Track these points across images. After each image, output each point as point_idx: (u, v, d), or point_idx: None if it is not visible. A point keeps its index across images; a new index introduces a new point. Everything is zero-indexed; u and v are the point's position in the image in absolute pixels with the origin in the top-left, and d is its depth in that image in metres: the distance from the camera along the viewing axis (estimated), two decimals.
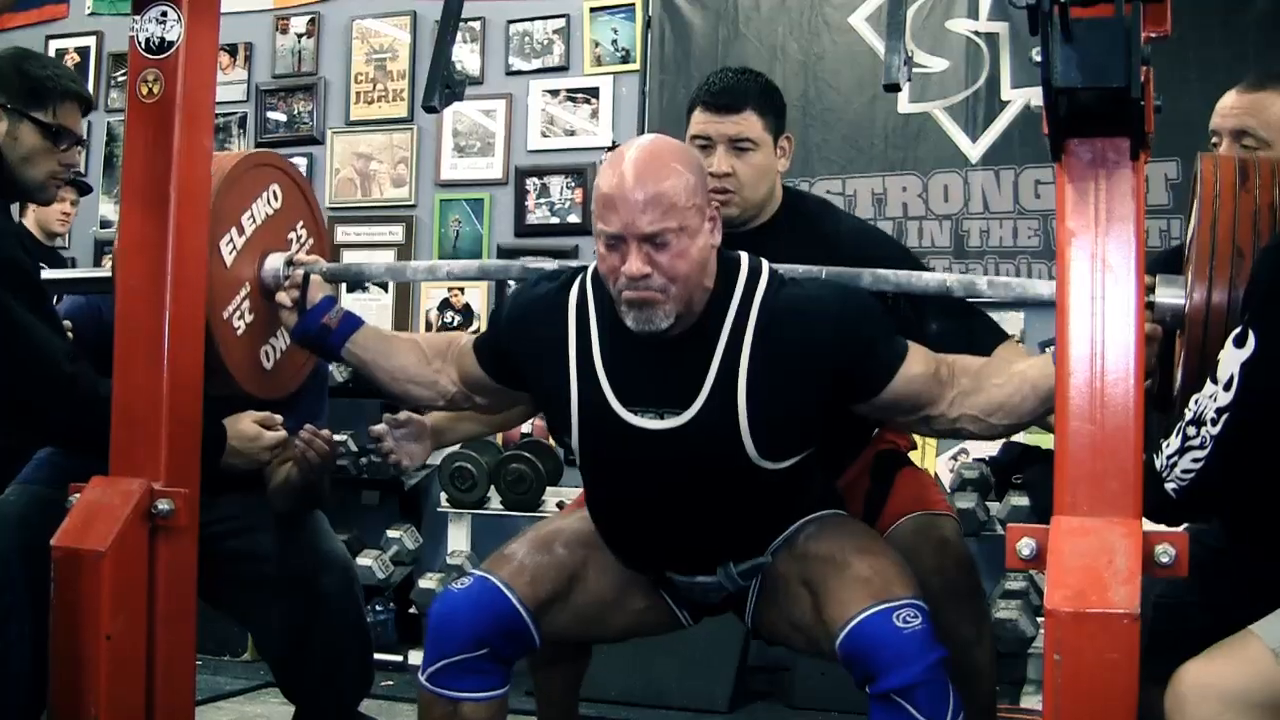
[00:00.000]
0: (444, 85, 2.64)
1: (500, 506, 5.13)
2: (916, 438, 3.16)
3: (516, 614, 2.41)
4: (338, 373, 5.32)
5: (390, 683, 4.39)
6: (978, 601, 2.78)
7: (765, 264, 2.36)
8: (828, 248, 2.71)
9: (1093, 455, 1.91)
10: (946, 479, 4.74)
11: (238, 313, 2.71)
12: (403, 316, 5.68)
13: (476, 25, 5.68)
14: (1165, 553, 1.87)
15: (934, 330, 2.64)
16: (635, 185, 2.19)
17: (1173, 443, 2.01)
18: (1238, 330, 1.93)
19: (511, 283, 4.39)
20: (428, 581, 5.05)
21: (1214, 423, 1.93)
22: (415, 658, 5.01)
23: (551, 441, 5.35)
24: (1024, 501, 4.45)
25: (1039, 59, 1.83)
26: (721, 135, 2.76)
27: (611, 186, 2.22)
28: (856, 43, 5.12)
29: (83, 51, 6.32)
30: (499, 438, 5.48)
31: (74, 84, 2.75)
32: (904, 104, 5.01)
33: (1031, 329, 4.82)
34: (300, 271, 2.72)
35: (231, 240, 2.69)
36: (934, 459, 4.84)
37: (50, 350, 2.52)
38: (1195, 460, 1.97)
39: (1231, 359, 1.93)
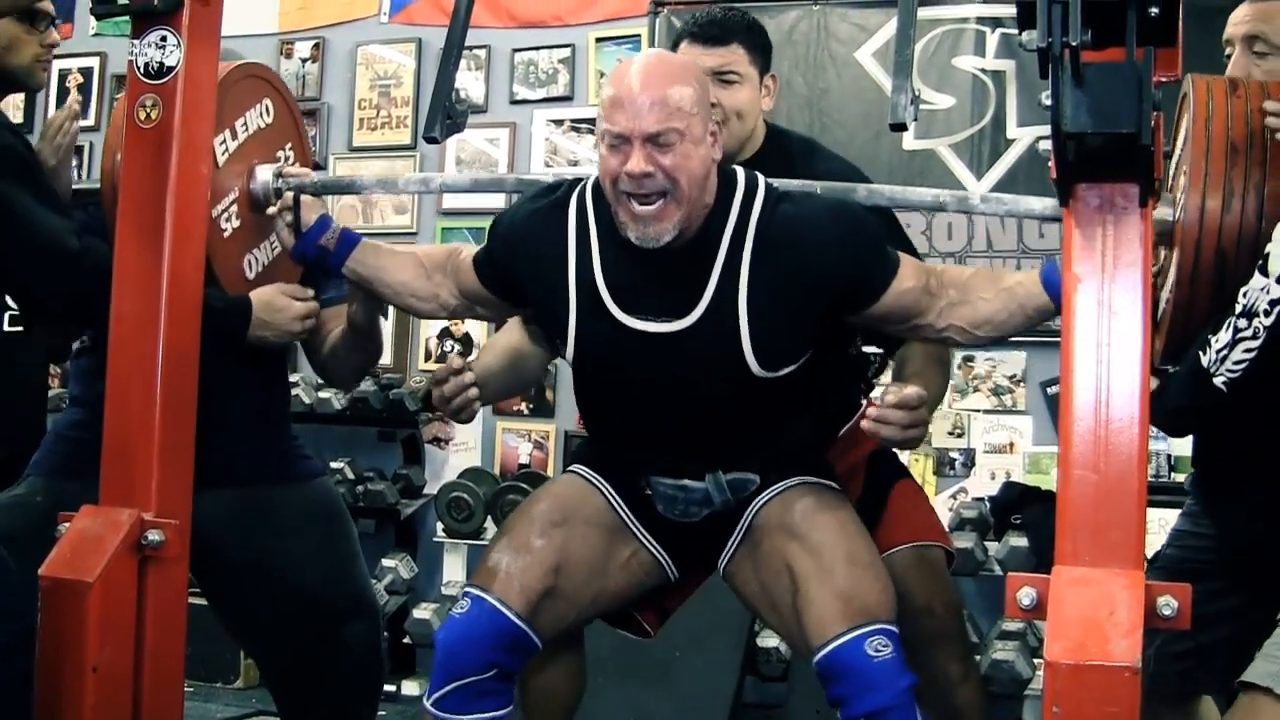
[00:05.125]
0: (445, 115, 2.63)
1: None
2: None
3: (516, 628, 2.42)
4: (335, 400, 5.32)
5: (383, 713, 4.34)
6: (964, 640, 2.82)
7: (761, 179, 2.43)
8: None
9: (1095, 504, 1.90)
10: (945, 518, 4.69)
11: (225, 214, 2.68)
12: (401, 344, 5.66)
13: (482, 53, 5.68)
14: (1168, 605, 1.85)
15: None
16: (642, 89, 2.27)
17: (1222, 336, 2.09)
18: None
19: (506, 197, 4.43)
20: (422, 611, 5.01)
21: (1267, 314, 2.02)
22: (409, 688, 5.00)
23: (549, 471, 5.34)
24: (1023, 542, 4.42)
25: (1049, 103, 1.82)
26: (707, 67, 2.74)
27: (619, 89, 2.29)
28: (862, 78, 5.11)
29: (86, 72, 6.31)
30: (496, 468, 5.46)
31: None
32: (909, 141, 4.99)
33: (1033, 368, 4.81)
34: (291, 193, 2.69)
35: (225, 142, 2.66)
36: (933, 497, 4.80)
37: (53, 230, 2.48)
38: (1248, 350, 2.06)
39: None
